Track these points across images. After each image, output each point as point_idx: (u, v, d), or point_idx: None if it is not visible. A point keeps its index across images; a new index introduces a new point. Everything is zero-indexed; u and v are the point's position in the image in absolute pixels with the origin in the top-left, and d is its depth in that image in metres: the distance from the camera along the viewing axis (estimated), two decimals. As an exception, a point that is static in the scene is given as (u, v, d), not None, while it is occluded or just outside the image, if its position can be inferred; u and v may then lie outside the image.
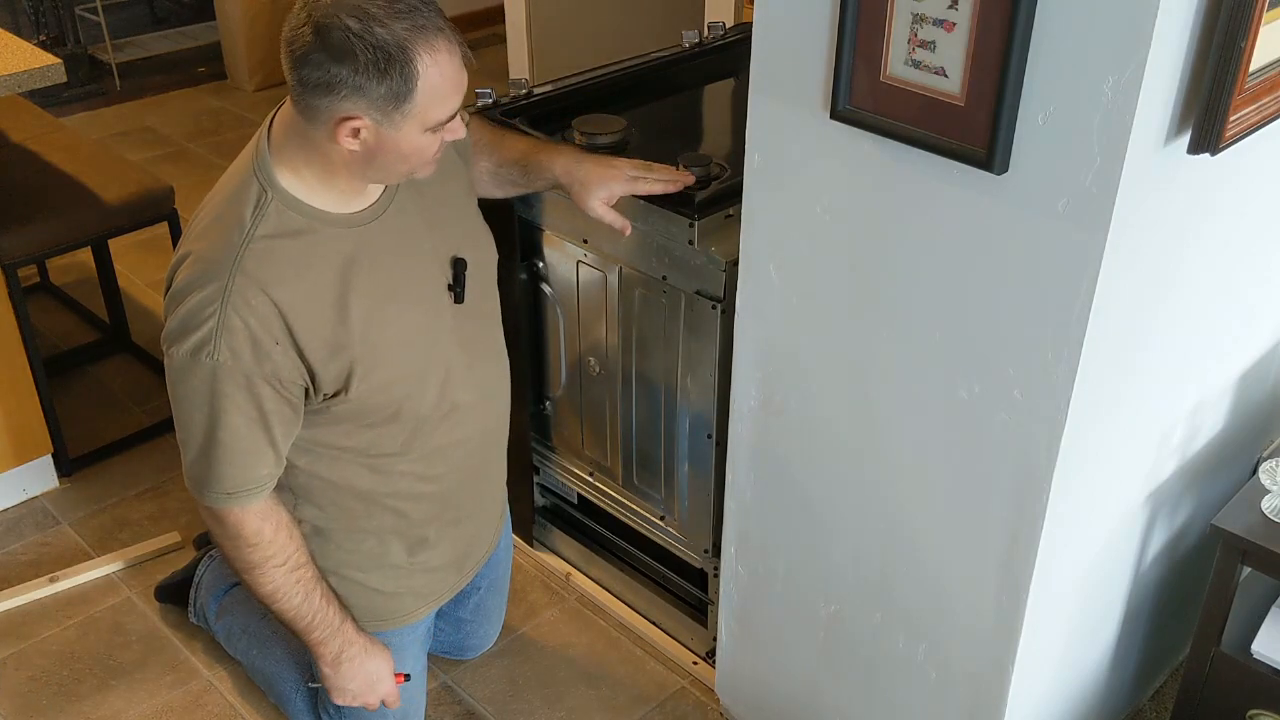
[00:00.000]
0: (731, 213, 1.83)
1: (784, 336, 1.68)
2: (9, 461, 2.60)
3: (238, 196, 1.55)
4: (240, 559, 1.67)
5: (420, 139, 1.50)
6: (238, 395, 1.54)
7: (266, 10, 4.88)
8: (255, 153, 1.56)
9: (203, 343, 1.51)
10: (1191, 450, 1.80)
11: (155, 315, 3.35)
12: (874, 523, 1.69)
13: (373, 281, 1.60)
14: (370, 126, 1.45)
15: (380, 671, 1.83)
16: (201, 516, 1.68)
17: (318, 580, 1.74)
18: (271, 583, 1.69)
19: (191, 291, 1.52)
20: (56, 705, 2.18)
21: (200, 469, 1.60)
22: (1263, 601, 1.84)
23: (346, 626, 1.78)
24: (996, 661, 1.62)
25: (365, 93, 1.41)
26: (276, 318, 1.52)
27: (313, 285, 1.56)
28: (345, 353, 1.59)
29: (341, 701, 1.84)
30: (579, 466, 2.32)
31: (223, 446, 1.57)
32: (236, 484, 1.60)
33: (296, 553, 1.70)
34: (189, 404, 1.56)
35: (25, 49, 2.49)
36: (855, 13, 1.35)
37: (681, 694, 2.22)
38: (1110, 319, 1.37)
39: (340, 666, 1.79)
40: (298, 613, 1.73)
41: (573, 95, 2.25)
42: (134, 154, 4.28)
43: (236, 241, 1.52)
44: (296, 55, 1.42)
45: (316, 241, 1.56)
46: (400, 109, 1.44)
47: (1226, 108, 1.26)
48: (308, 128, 1.49)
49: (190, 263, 1.54)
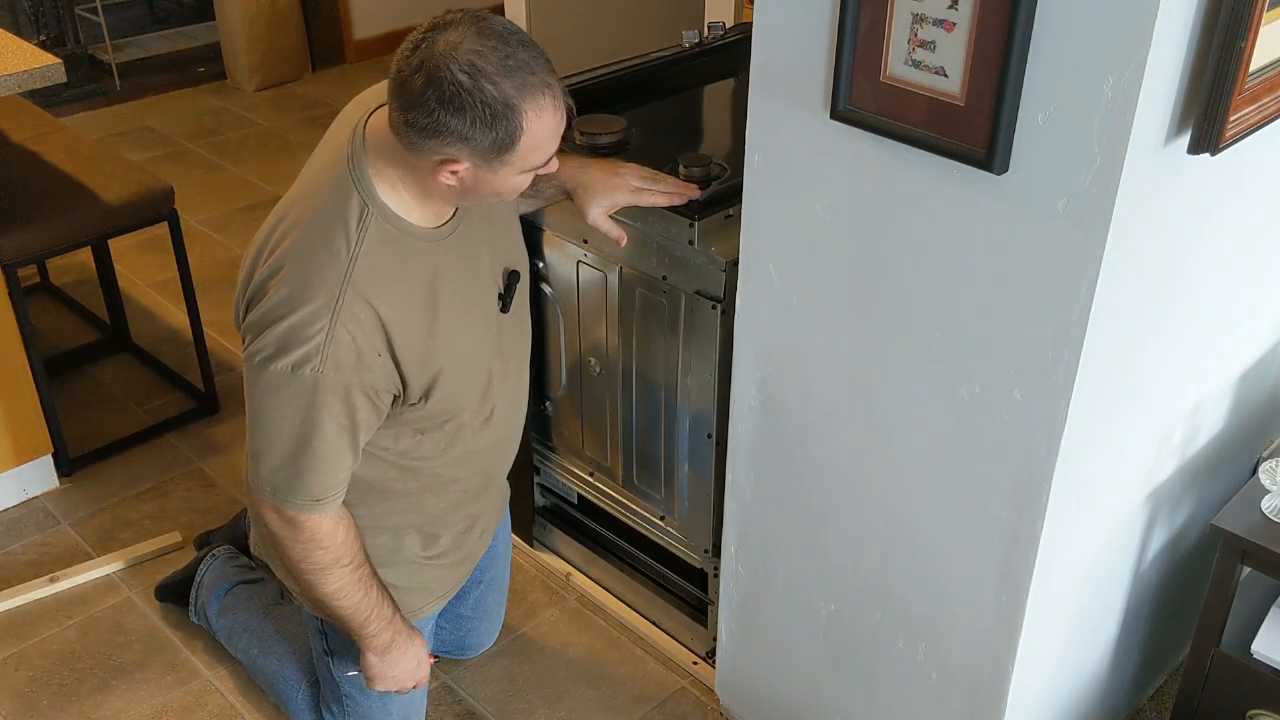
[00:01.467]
0: (731, 213, 1.83)
1: (784, 336, 1.68)
2: (9, 461, 2.60)
3: (338, 209, 1.54)
4: (310, 561, 1.67)
5: (515, 179, 1.53)
6: (335, 405, 1.54)
7: (266, 10, 4.88)
8: (350, 162, 1.55)
9: (308, 358, 1.50)
10: (1191, 450, 1.80)
11: (155, 315, 3.36)
12: (874, 523, 1.69)
13: (453, 293, 1.63)
14: (470, 169, 1.49)
15: (420, 656, 1.85)
16: (268, 524, 1.66)
17: (374, 575, 1.74)
18: (337, 582, 1.69)
19: (297, 307, 1.50)
20: (57, 705, 2.18)
21: (285, 477, 1.59)
22: (1263, 601, 1.84)
23: (396, 618, 1.79)
24: (996, 661, 1.62)
25: (470, 143, 1.44)
26: (379, 330, 1.54)
27: (408, 298, 1.57)
28: (434, 363, 1.61)
29: (382, 688, 1.85)
30: (579, 466, 2.32)
31: (314, 455, 1.57)
32: (323, 490, 1.60)
33: (359, 551, 1.71)
34: (278, 415, 1.55)
35: (25, 49, 2.50)
36: (855, 13, 1.35)
37: (681, 694, 2.22)
38: (1110, 319, 1.37)
39: (389, 655, 1.80)
40: (357, 609, 1.73)
41: (573, 95, 2.22)
42: (134, 154, 4.28)
43: (344, 256, 1.52)
44: (405, 98, 1.43)
45: (410, 255, 1.57)
46: (502, 158, 1.47)
47: (1226, 108, 1.26)
48: (409, 155, 1.50)
49: (291, 277, 1.52)
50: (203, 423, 2.92)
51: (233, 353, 3.19)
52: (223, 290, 3.47)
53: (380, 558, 1.80)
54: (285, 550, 1.68)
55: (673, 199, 1.82)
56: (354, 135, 1.56)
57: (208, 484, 2.73)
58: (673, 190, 1.82)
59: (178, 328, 3.27)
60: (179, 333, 3.25)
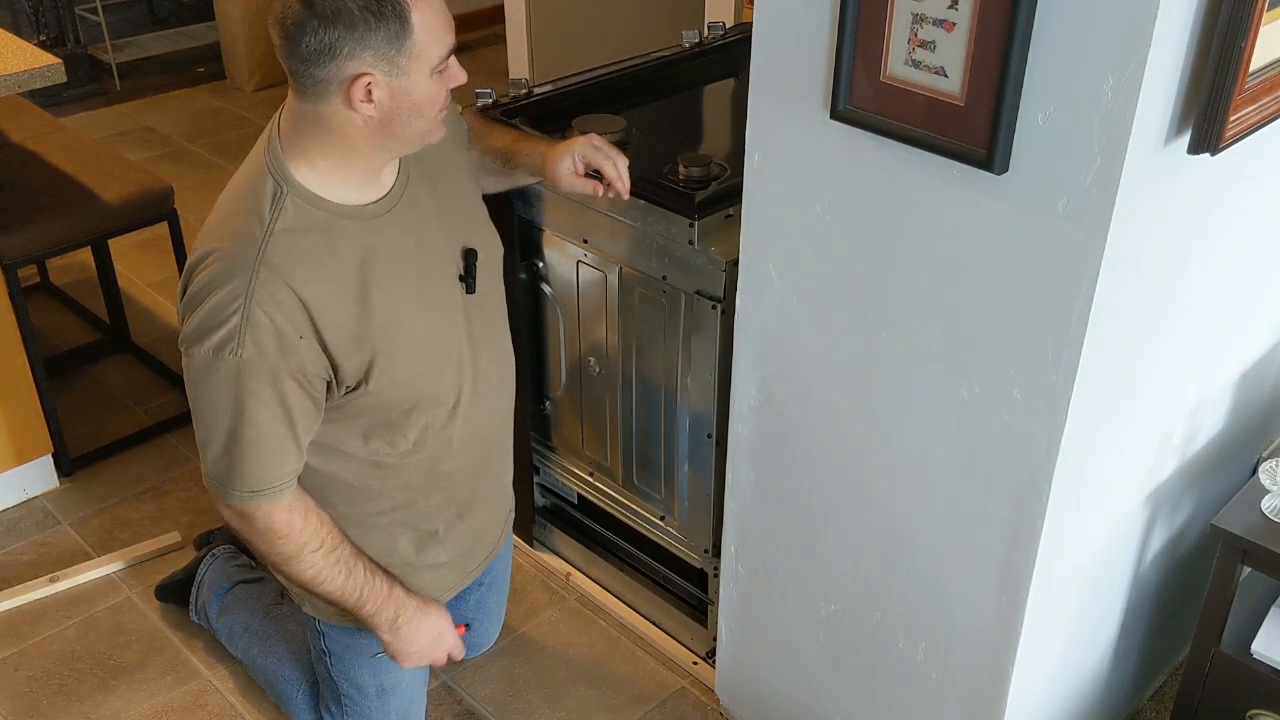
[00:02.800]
0: (731, 213, 1.83)
1: (784, 336, 1.68)
2: (9, 461, 2.60)
3: (253, 193, 1.55)
4: (274, 552, 1.66)
5: (429, 86, 1.51)
6: (262, 391, 1.54)
7: (266, 10, 4.86)
8: (266, 149, 1.56)
9: (226, 340, 1.50)
10: (1191, 450, 1.80)
11: (155, 315, 3.35)
12: (874, 523, 1.69)
13: (391, 274, 1.61)
14: (381, 82, 1.47)
15: (440, 626, 1.83)
16: (225, 518, 1.67)
17: (356, 555, 1.73)
18: (311, 568, 1.68)
19: (213, 289, 1.51)
20: (57, 705, 2.18)
21: (223, 468, 1.59)
22: (1263, 601, 1.84)
23: (396, 592, 1.77)
24: (996, 661, 1.62)
25: (366, 43, 1.43)
26: (301, 311, 1.52)
27: (334, 279, 1.56)
28: (367, 345, 1.59)
29: (409, 664, 1.84)
30: (579, 466, 2.32)
31: (247, 444, 1.56)
32: (262, 482, 1.60)
33: (330, 534, 1.69)
34: (211, 403, 1.56)
35: (25, 49, 2.50)
36: (855, 13, 1.35)
37: (681, 694, 2.22)
38: (1110, 319, 1.37)
39: (399, 631, 1.78)
40: (344, 591, 1.72)
41: (573, 95, 2.25)
42: (134, 154, 4.28)
43: (258, 237, 1.51)
44: (291, 30, 1.43)
45: (335, 235, 1.56)
46: (402, 50, 1.45)
47: (1226, 108, 1.26)
48: (319, 108, 1.49)
49: (210, 261, 1.53)
50: (203, 423, 2.92)
51: (233, 353, 3.19)
52: (223, 290, 3.47)
53: (374, 558, 1.80)
54: (250, 543, 1.68)
55: (617, 183, 1.80)
56: (269, 130, 1.58)
57: (208, 484, 2.73)
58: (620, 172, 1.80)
59: (178, 327, 3.26)
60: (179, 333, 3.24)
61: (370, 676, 1.91)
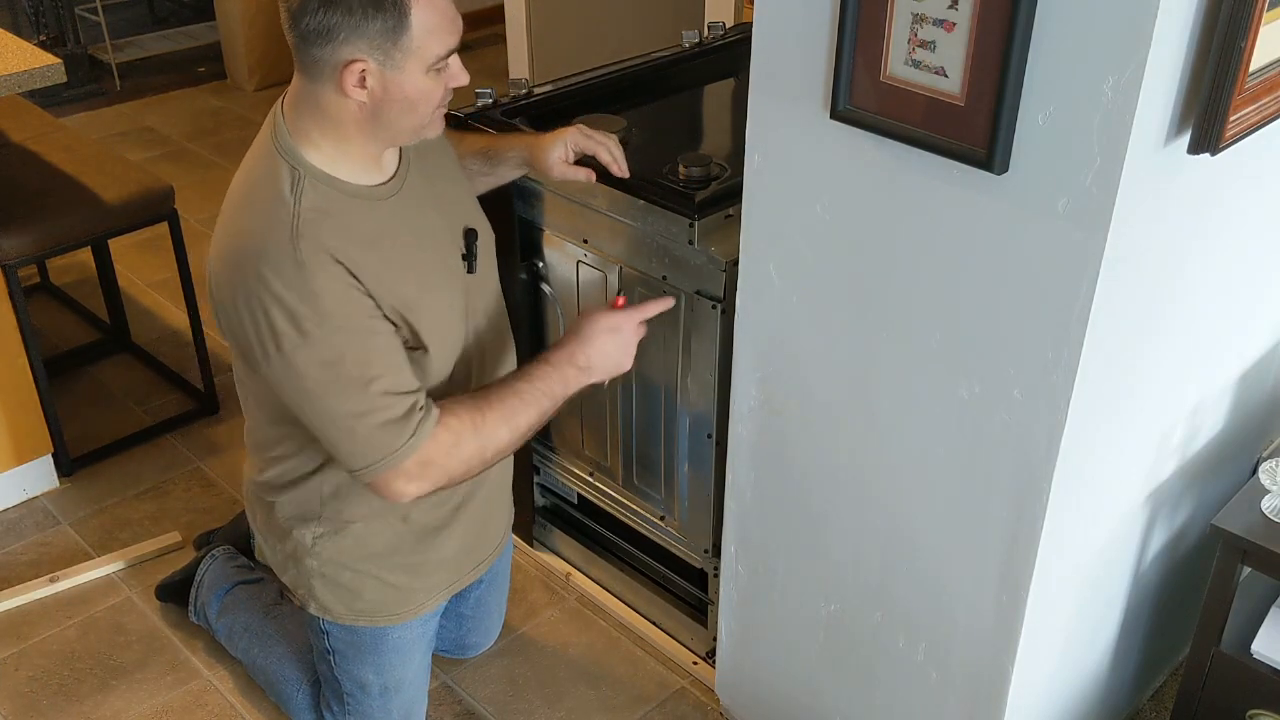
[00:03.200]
0: (731, 213, 1.83)
1: (784, 336, 1.68)
2: (9, 461, 2.60)
3: (268, 179, 1.54)
4: (475, 458, 1.62)
5: (424, 82, 1.51)
6: (364, 340, 1.52)
7: (266, 10, 4.88)
8: (273, 136, 1.56)
9: (306, 318, 1.49)
10: (1191, 450, 1.80)
11: (155, 315, 3.36)
12: (874, 522, 1.69)
13: (401, 255, 1.61)
14: (374, 71, 1.47)
15: (603, 338, 1.71)
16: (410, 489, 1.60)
17: (509, 390, 1.66)
18: (507, 431, 1.64)
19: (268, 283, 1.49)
20: (56, 705, 2.18)
21: (378, 434, 1.54)
22: (1263, 601, 1.84)
23: (555, 358, 1.69)
24: (996, 661, 1.62)
25: (362, 32, 1.44)
26: (340, 267, 1.52)
27: (359, 255, 1.55)
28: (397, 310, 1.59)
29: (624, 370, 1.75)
30: (579, 466, 2.32)
31: (379, 395, 1.53)
32: (410, 429, 1.55)
33: (480, 403, 1.64)
34: (331, 387, 1.52)
35: (25, 49, 2.50)
36: (855, 13, 1.35)
37: (681, 694, 2.22)
38: (1110, 319, 1.37)
39: (592, 371, 1.71)
40: (539, 410, 1.66)
41: (573, 95, 2.25)
42: (134, 154, 4.28)
43: (286, 217, 1.51)
44: (294, 10, 1.45)
45: (351, 215, 1.56)
46: (398, 44, 1.46)
47: (1226, 108, 1.26)
48: (316, 88, 1.50)
49: (243, 262, 1.51)
50: (203, 423, 2.92)
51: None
52: (223, 290, 3.47)
53: (378, 555, 1.80)
54: (458, 475, 1.63)
55: (612, 165, 1.84)
56: (272, 120, 1.58)
57: (207, 484, 2.73)
58: (615, 155, 1.83)
59: (178, 328, 3.27)
60: (179, 333, 3.25)
61: (375, 675, 1.92)
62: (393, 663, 1.91)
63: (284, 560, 1.84)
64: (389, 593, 1.85)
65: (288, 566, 1.84)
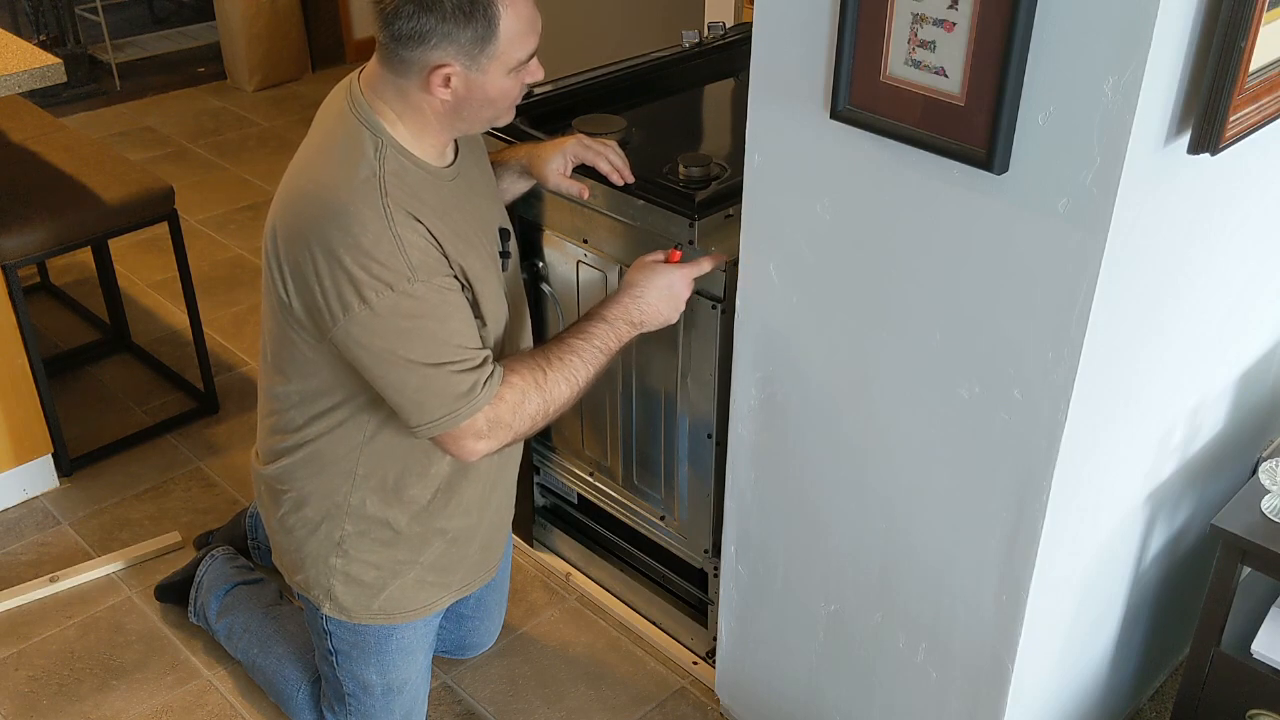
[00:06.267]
0: (731, 213, 1.83)
1: (784, 336, 1.68)
2: (9, 461, 2.60)
3: (351, 140, 1.58)
4: (539, 411, 1.65)
5: (504, 82, 1.57)
6: (446, 291, 1.56)
7: (266, 10, 4.88)
8: (351, 107, 1.59)
9: (394, 278, 1.52)
10: (1191, 450, 1.80)
11: (155, 315, 3.36)
12: (874, 522, 1.69)
13: (463, 236, 1.65)
14: (460, 74, 1.53)
15: (657, 294, 1.74)
16: (483, 447, 1.63)
17: (566, 347, 1.69)
18: (567, 386, 1.67)
19: (357, 243, 1.52)
20: (56, 705, 2.18)
21: (455, 382, 1.57)
22: (1263, 601, 1.84)
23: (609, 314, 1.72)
24: (996, 661, 1.62)
25: (453, 38, 1.50)
26: (421, 227, 1.56)
27: (436, 225, 1.59)
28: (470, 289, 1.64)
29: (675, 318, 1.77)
30: (579, 466, 2.32)
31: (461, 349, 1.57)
32: (481, 384, 1.58)
33: (541, 361, 1.67)
34: (411, 337, 1.55)
35: (25, 49, 2.50)
36: (855, 13, 1.35)
37: (681, 694, 2.22)
38: (1110, 319, 1.37)
39: (644, 328, 1.75)
40: (596, 366, 1.70)
41: (573, 95, 2.25)
42: (134, 154, 4.29)
43: (370, 174, 1.55)
44: (387, 11, 1.49)
45: (425, 189, 1.60)
46: (485, 51, 1.52)
47: (1226, 108, 1.26)
48: (399, 81, 1.55)
49: (332, 228, 1.53)
50: (202, 423, 2.92)
51: (232, 353, 3.19)
52: (222, 290, 3.47)
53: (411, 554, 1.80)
54: (522, 432, 1.66)
55: (613, 174, 1.87)
56: (349, 91, 1.61)
57: (208, 484, 2.73)
58: (616, 163, 1.87)
59: (178, 328, 3.27)
60: (179, 333, 3.25)
61: (377, 676, 1.92)
62: (396, 663, 1.91)
63: (300, 559, 1.83)
64: (410, 591, 1.84)
65: (304, 565, 1.83)
